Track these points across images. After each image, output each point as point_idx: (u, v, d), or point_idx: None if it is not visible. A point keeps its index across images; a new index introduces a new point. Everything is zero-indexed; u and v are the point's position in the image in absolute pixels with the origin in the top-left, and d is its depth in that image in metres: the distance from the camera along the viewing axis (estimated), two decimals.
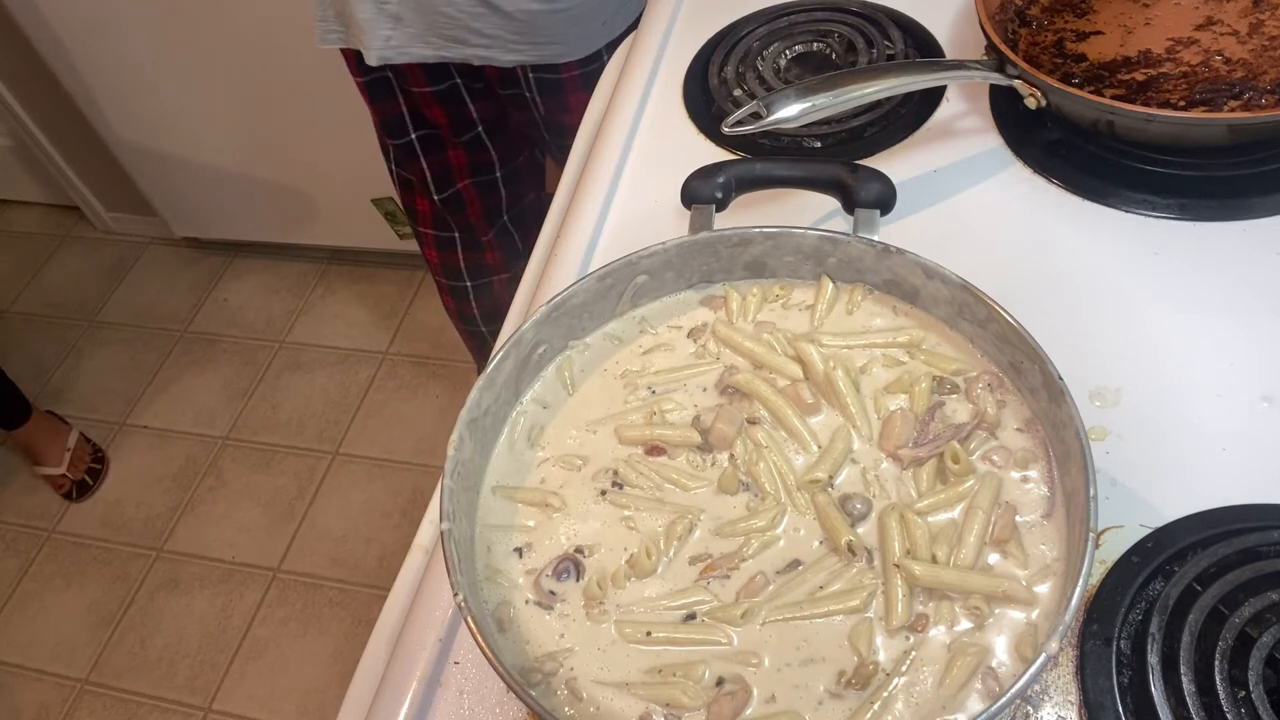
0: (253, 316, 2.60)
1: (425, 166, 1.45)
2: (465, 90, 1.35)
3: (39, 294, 2.79)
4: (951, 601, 0.55)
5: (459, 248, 1.59)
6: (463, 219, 1.54)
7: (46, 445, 2.29)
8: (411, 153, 1.44)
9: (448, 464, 0.58)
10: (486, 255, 1.61)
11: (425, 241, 1.60)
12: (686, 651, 0.56)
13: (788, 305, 0.70)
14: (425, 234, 1.58)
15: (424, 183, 1.48)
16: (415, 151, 1.44)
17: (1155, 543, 0.60)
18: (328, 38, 1.29)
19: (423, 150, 1.43)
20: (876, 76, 0.77)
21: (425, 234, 1.58)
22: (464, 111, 1.38)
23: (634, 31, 1.07)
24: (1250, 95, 0.77)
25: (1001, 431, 0.61)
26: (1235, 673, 0.52)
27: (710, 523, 0.60)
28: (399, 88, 1.35)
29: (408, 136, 1.42)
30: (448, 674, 0.64)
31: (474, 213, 1.53)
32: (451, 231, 1.56)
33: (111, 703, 1.98)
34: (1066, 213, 0.79)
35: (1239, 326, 0.70)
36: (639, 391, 0.67)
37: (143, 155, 2.46)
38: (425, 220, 1.55)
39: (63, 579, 2.18)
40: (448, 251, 1.60)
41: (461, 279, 1.64)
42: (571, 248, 0.85)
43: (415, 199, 1.53)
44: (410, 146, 1.43)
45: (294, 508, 2.20)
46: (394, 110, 1.38)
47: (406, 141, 1.42)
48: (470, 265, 1.62)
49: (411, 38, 1.23)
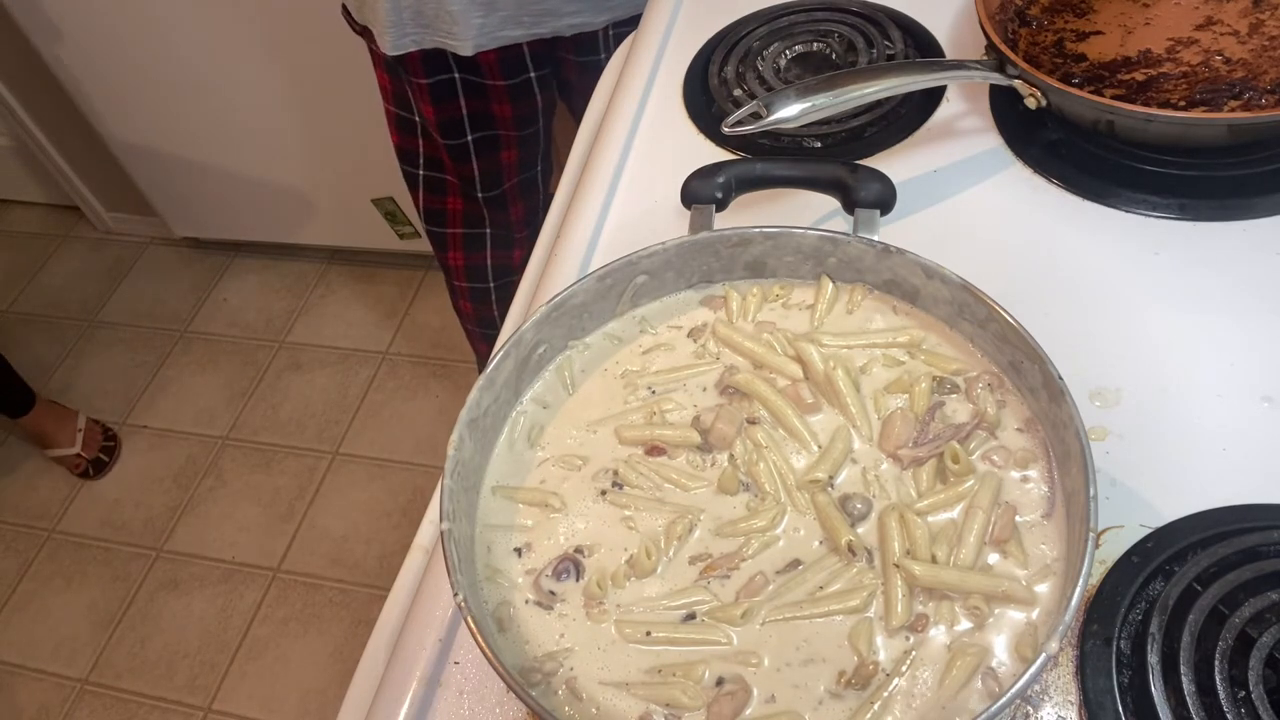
0: (253, 316, 2.60)
1: (475, 167, 1.43)
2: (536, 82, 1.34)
3: (39, 294, 2.79)
4: (951, 601, 0.55)
5: (488, 245, 1.56)
6: (502, 216, 1.52)
7: (56, 429, 2.30)
8: (464, 154, 1.41)
9: (448, 464, 0.58)
10: (514, 253, 1.59)
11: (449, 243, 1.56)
12: (686, 651, 0.56)
13: (788, 305, 0.70)
14: (452, 234, 1.54)
15: (468, 183, 1.45)
16: (468, 153, 1.41)
17: (1155, 543, 0.60)
18: (402, 42, 1.26)
19: (476, 152, 1.41)
20: (876, 76, 0.77)
21: (452, 234, 1.54)
22: (531, 103, 1.37)
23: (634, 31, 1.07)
24: (1250, 95, 0.77)
25: (1001, 431, 0.61)
26: (1235, 673, 0.52)
27: (710, 523, 0.60)
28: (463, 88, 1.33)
29: (464, 138, 1.39)
30: (448, 674, 0.64)
31: (516, 211, 1.52)
32: (484, 228, 1.53)
33: (111, 703, 1.98)
34: (1066, 213, 0.79)
35: (1239, 326, 0.70)
36: (639, 391, 0.67)
37: (143, 155, 2.46)
38: (455, 220, 1.52)
39: (63, 579, 2.18)
40: (475, 251, 1.57)
41: (485, 279, 1.61)
42: (571, 248, 0.85)
43: (446, 200, 1.50)
44: (464, 148, 1.40)
45: (294, 508, 2.20)
46: (456, 113, 1.36)
47: (461, 143, 1.39)
48: (496, 265, 1.59)
49: (504, 20, 1.22)
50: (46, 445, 2.32)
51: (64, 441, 2.30)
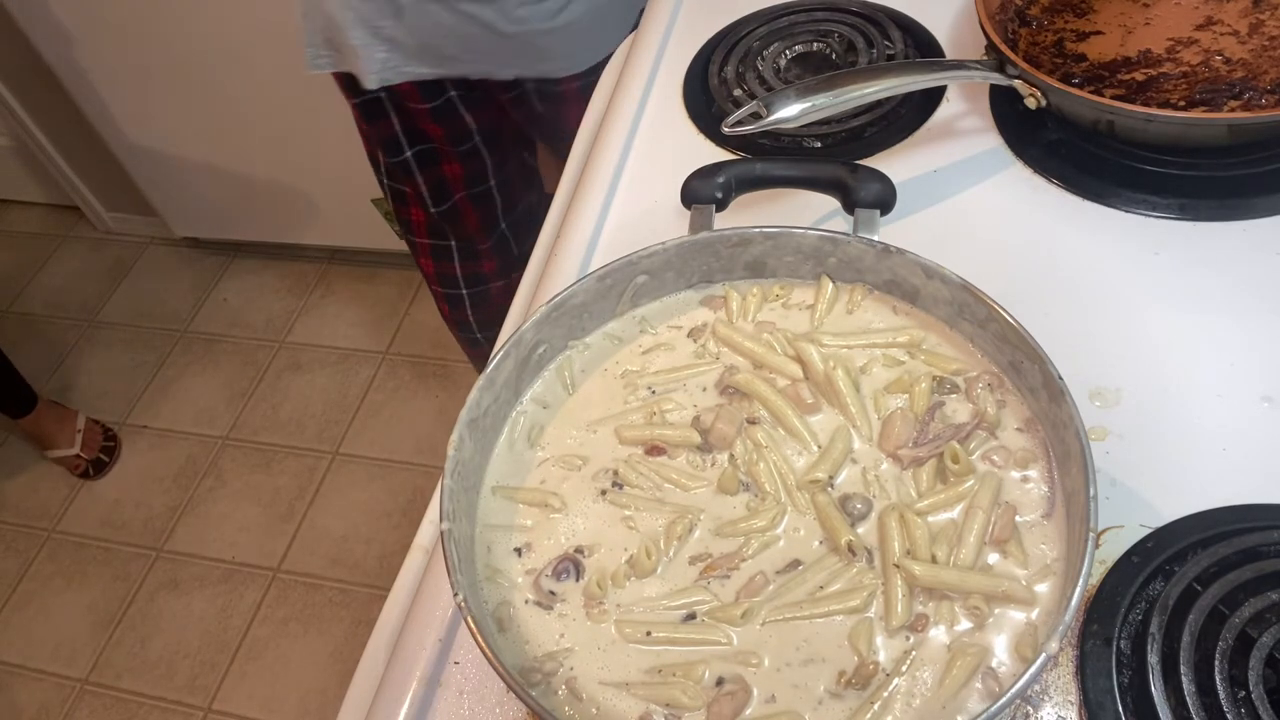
0: (253, 316, 2.60)
1: (420, 181, 1.45)
2: (461, 102, 1.34)
3: (39, 294, 2.79)
4: (951, 601, 0.55)
5: (455, 256, 1.58)
6: (460, 229, 1.53)
7: (56, 429, 2.31)
8: (406, 169, 1.43)
9: (448, 464, 0.58)
10: (483, 263, 1.60)
11: (420, 251, 1.59)
12: (686, 651, 0.56)
13: (788, 305, 0.70)
14: (420, 243, 1.57)
15: (419, 196, 1.47)
16: (410, 168, 1.43)
17: (1155, 543, 0.60)
18: (318, 63, 1.28)
19: (418, 166, 1.42)
20: (876, 76, 0.77)
21: (420, 243, 1.57)
22: (461, 124, 1.37)
23: (634, 31, 1.07)
24: (1250, 95, 0.77)
25: (1001, 431, 0.61)
26: (1235, 673, 0.52)
27: (710, 523, 0.60)
28: (393, 107, 1.34)
29: (403, 154, 1.40)
30: (448, 674, 0.64)
31: (471, 223, 1.53)
32: (448, 240, 1.55)
33: (111, 703, 1.98)
34: (1066, 213, 0.79)
35: (1239, 326, 0.70)
36: (639, 391, 0.67)
37: (143, 155, 2.46)
38: (420, 230, 1.54)
39: (63, 579, 2.19)
40: (443, 260, 1.59)
41: (458, 287, 1.63)
42: (571, 248, 0.85)
43: (410, 209, 1.52)
44: (405, 164, 1.42)
45: (294, 508, 2.20)
46: (389, 131, 1.37)
47: (401, 159, 1.41)
48: (467, 274, 1.61)
49: (407, 58, 1.22)
50: (47, 445, 2.32)
51: (64, 442, 2.31)
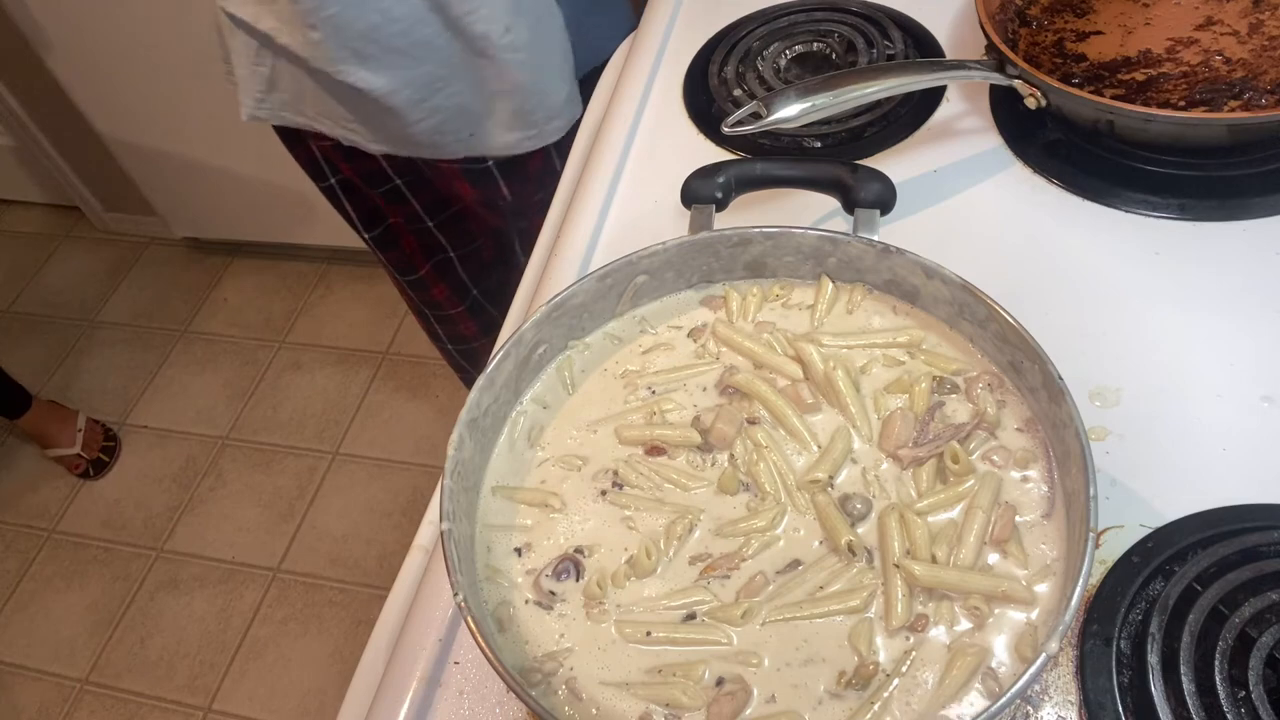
0: (253, 316, 2.60)
1: (386, 260, 1.45)
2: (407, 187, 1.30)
3: (39, 294, 2.79)
4: (951, 601, 0.55)
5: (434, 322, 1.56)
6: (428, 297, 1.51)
7: (56, 429, 2.31)
8: (376, 245, 1.42)
9: (448, 464, 0.58)
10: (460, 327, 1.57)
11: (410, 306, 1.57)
12: (686, 651, 0.56)
13: (788, 305, 0.70)
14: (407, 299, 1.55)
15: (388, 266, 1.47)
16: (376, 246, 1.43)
17: (1155, 543, 0.60)
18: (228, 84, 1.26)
19: (378, 246, 1.42)
20: (876, 76, 0.77)
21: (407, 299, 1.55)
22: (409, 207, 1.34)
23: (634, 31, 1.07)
24: (1250, 95, 0.77)
25: (1001, 431, 0.61)
26: (1235, 673, 0.52)
27: (710, 523, 0.60)
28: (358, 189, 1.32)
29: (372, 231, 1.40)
30: (448, 674, 0.64)
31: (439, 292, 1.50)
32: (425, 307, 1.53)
33: (111, 703, 1.98)
34: (1066, 213, 0.79)
35: (1239, 326, 0.70)
36: (639, 391, 0.67)
37: (143, 155, 2.46)
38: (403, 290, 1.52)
39: (63, 579, 2.19)
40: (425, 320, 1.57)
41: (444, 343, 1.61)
42: (571, 248, 0.85)
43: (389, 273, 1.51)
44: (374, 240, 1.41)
45: (294, 508, 2.20)
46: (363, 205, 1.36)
47: (372, 236, 1.41)
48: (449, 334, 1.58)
49: (283, 104, 1.20)
50: (47, 445, 2.32)
51: (64, 442, 2.31)
